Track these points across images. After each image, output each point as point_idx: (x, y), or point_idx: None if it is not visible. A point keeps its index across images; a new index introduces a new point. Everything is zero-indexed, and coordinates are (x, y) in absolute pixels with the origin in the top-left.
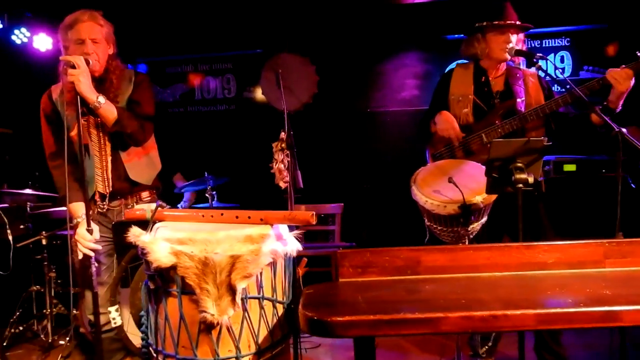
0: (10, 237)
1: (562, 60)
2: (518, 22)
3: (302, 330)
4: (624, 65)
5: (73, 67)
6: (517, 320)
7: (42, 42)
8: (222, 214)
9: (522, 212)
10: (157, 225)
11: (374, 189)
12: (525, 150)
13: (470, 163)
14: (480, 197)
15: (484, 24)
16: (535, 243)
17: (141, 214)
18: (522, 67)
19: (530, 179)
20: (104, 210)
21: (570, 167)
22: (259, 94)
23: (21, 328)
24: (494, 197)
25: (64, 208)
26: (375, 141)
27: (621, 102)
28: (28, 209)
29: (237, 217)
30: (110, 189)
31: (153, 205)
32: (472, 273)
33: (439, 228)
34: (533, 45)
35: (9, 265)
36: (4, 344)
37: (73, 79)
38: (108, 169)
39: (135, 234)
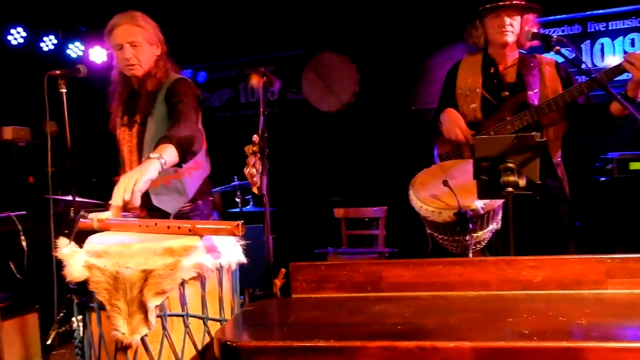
0: (24, 244)
1: (632, 44)
2: (515, 2)
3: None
4: None
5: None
6: (449, 353)
7: (98, 54)
8: (155, 224)
9: (513, 220)
10: (92, 236)
11: None
12: (515, 148)
13: None
14: (481, 203)
15: (480, 8)
16: (519, 257)
17: (89, 223)
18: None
19: (522, 182)
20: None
21: (637, 165)
22: (301, 95)
23: (64, 329)
24: (498, 201)
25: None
26: (421, 140)
27: None
28: (72, 214)
29: (168, 227)
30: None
31: (104, 215)
32: (442, 291)
33: (439, 237)
34: (597, 28)
35: (24, 271)
36: (47, 342)
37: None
38: None
39: (60, 246)
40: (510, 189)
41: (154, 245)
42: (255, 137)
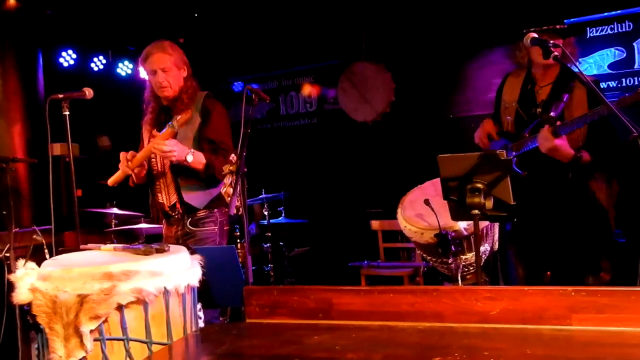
0: (47, 257)
1: None
2: (558, 27)
3: None
4: None
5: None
6: None
7: None
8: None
9: (479, 243)
10: (52, 258)
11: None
12: (480, 166)
13: None
14: (464, 223)
15: (523, 31)
16: (475, 287)
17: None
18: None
19: (488, 203)
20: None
21: None
22: (338, 106)
23: None
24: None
25: (141, 225)
26: (460, 150)
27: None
28: (113, 225)
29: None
30: (169, 202)
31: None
32: (394, 321)
33: (428, 258)
34: None
35: None
36: None
37: (168, 156)
38: (163, 183)
39: (17, 267)
40: (476, 212)
41: (93, 269)
42: (233, 157)
